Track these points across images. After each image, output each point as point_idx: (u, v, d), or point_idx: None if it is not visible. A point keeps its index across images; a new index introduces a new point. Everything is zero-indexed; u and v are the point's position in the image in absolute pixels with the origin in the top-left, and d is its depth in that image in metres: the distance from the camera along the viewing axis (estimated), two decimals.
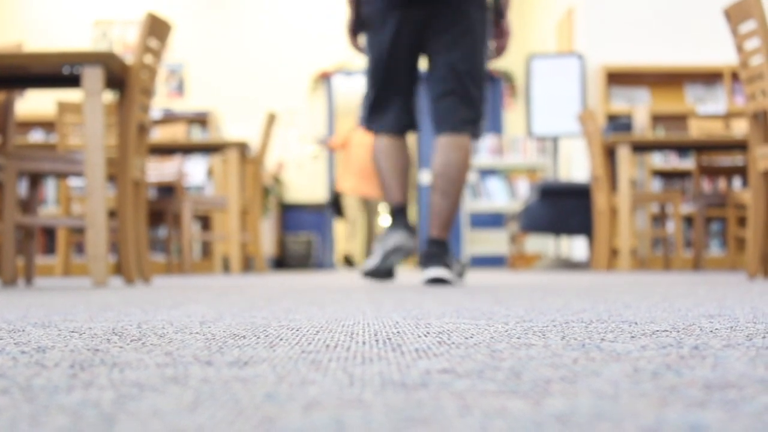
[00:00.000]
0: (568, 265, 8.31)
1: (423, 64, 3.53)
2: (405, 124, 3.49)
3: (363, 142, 10.10)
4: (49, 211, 7.90)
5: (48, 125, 9.35)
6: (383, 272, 3.52)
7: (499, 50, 3.54)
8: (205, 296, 2.54)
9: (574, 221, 7.80)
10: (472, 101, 3.38)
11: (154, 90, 4.09)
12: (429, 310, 1.77)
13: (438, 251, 3.40)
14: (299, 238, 11.33)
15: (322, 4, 11.62)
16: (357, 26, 3.55)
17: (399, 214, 3.49)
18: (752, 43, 3.92)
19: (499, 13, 3.46)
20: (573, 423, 0.54)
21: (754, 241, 4.02)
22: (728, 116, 8.08)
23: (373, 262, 3.49)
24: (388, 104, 3.44)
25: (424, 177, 11.32)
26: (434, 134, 3.41)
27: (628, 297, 2.26)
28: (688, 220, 8.38)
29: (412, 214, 12.05)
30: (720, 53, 8.79)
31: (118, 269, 4.32)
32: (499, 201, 10.26)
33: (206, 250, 8.09)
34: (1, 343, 1.12)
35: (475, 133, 3.40)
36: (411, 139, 4.32)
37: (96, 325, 1.41)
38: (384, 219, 8.62)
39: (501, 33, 3.52)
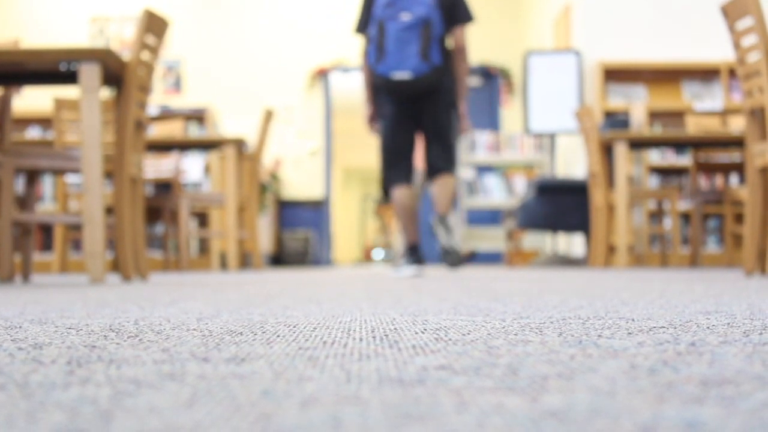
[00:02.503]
0: (565, 261, 8.31)
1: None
2: (410, 176, 5.13)
3: None
4: (46, 208, 7.90)
5: (45, 122, 9.34)
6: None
7: (462, 131, 5.21)
8: (202, 293, 2.54)
9: (571, 218, 7.80)
10: (452, 157, 5.16)
11: (151, 87, 4.09)
12: (426, 306, 1.77)
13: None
14: (296, 234, 11.33)
15: (320, 1, 11.61)
16: (374, 118, 5.21)
17: (413, 250, 5.04)
18: (749, 40, 3.92)
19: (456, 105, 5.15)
20: (570, 419, 0.54)
21: (751, 238, 4.02)
22: (725, 113, 8.08)
23: (400, 274, 4.84)
24: (399, 165, 5.08)
25: None
26: (431, 173, 5.14)
27: (625, 294, 2.26)
28: (685, 217, 8.39)
29: None
30: (717, 50, 8.79)
31: (115, 266, 4.32)
32: (497, 198, 10.27)
33: (203, 246, 8.09)
34: None
35: (454, 172, 5.18)
36: None
37: (93, 322, 1.41)
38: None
39: (460, 117, 5.16)
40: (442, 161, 5.09)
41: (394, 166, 5.08)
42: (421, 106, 5.02)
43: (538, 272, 5.42)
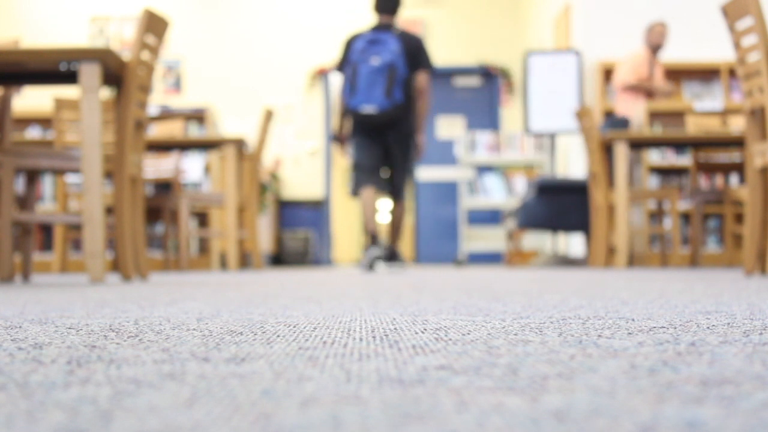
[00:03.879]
0: (565, 261, 8.31)
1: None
2: (376, 182, 6.19)
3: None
4: (46, 207, 7.90)
5: (45, 122, 9.33)
6: (370, 268, 6.00)
7: (418, 156, 6.31)
8: (202, 293, 2.54)
9: (571, 218, 7.80)
10: (405, 185, 6.29)
11: (152, 86, 4.09)
12: (426, 306, 1.77)
13: (391, 252, 6.27)
14: (296, 234, 11.33)
15: (320, 1, 11.61)
16: (343, 140, 6.33)
17: (374, 237, 6.04)
18: (749, 40, 3.92)
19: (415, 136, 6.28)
20: (570, 419, 0.54)
21: (751, 238, 4.02)
22: (725, 113, 8.08)
23: (364, 263, 5.98)
24: (368, 174, 6.17)
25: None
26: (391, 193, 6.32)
27: (625, 294, 2.26)
28: (685, 217, 8.39)
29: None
30: (717, 50, 8.79)
31: (115, 266, 4.32)
32: (497, 197, 10.26)
33: (203, 246, 8.09)
34: None
35: (404, 196, 6.34)
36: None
37: (93, 322, 1.41)
38: None
39: (417, 147, 6.29)
40: (399, 190, 6.30)
41: (364, 175, 6.18)
42: (386, 135, 6.15)
43: (538, 272, 5.42)
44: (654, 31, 8.09)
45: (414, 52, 6.07)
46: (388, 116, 5.97)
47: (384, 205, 6.99)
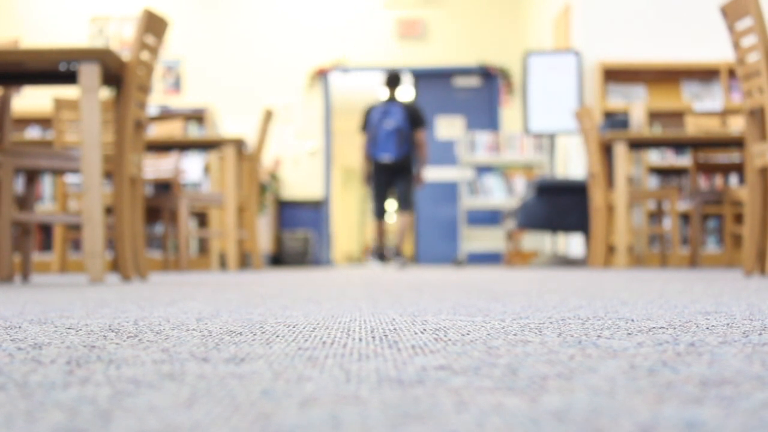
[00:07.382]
0: (564, 262, 8.31)
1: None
2: (383, 214, 8.66)
3: None
4: (45, 207, 7.90)
5: (45, 122, 9.33)
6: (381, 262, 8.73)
7: (419, 185, 8.70)
8: (201, 293, 2.54)
9: (570, 218, 7.80)
10: (409, 200, 8.59)
11: (151, 86, 4.09)
12: (425, 306, 1.77)
13: (398, 253, 8.71)
14: (296, 234, 11.33)
15: (320, 1, 11.61)
16: (368, 179, 8.66)
17: (381, 252, 8.69)
18: (749, 40, 3.92)
19: (417, 171, 8.68)
20: (569, 419, 0.54)
21: (751, 238, 4.02)
22: (725, 113, 8.08)
23: (385, 261, 8.81)
24: (379, 207, 8.66)
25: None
26: (398, 208, 8.66)
27: (624, 294, 2.26)
28: (685, 217, 8.39)
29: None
30: (717, 50, 8.79)
31: (115, 266, 4.32)
32: (496, 198, 10.26)
33: (203, 246, 8.09)
34: None
35: (412, 210, 8.63)
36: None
37: (92, 322, 1.41)
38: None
39: (418, 179, 8.64)
40: (403, 204, 8.59)
41: (377, 207, 8.67)
42: (395, 176, 8.58)
43: (538, 272, 5.41)
44: None
45: (413, 116, 8.48)
46: (397, 163, 8.47)
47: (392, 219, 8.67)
